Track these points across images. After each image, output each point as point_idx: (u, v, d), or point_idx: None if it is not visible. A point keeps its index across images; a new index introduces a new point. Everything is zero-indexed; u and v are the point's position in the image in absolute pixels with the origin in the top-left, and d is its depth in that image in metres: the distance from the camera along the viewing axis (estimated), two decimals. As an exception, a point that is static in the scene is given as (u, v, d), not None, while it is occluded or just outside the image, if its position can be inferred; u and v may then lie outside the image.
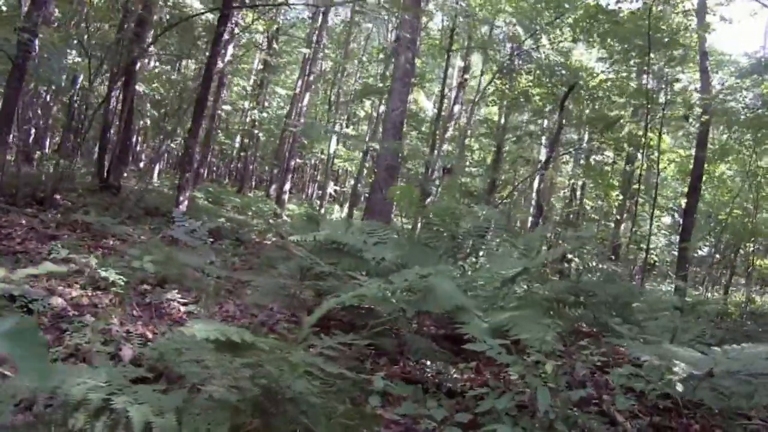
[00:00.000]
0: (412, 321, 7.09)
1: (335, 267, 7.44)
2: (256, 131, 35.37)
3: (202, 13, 18.94)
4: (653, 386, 5.15)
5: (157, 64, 29.39)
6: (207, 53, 26.99)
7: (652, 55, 17.27)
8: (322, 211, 31.95)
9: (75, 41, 16.37)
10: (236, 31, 27.01)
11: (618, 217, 25.98)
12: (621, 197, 25.38)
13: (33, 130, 25.18)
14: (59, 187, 14.82)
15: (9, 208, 12.04)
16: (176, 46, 25.16)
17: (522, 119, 26.01)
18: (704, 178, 19.30)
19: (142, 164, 33.86)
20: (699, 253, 25.49)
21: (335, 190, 41.14)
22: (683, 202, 25.43)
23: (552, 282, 8.36)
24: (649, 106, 18.03)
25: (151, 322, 7.30)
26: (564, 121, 18.98)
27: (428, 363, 6.45)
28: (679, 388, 5.05)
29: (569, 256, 19.82)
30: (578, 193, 31.75)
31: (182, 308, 8.02)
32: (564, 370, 5.45)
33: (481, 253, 8.46)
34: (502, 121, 27.42)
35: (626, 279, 15.95)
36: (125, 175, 24.57)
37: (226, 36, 26.64)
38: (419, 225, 13.91)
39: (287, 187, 30.62)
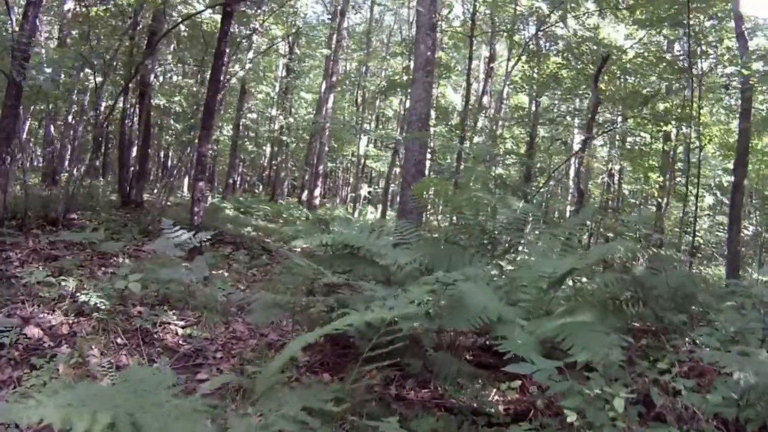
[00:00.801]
0: (441, 334, 5.84)
1: (348, 276, 6.30)
2: (284, 138, 34.50)
3: (203, 11, 17.84)
4: (752, 413, 3.86)
5: (180, 77, 28.61)
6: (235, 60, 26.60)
7: (690, 16, 15.87)
8: (356, 213, 31.00)
9: (80, 56, 15.32)
10: (255, 37, 26.27)
11: (660, 200, 24.50)
12: (661, 179, 23.92)
13: (57, 152, 24.26)
14: (72, 206, 13.96)
15: (11, 232, 11.06)
16: (192, 56, 24.13)
17: (554, 102, 24.49)
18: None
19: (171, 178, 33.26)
20: (745, 232, 24.00)
21: (369, 192, 40.04)
22: (725, 180, 24.12)
23: (602, 275, 7.01)
24: (694, 68, 16.64)
25: (138, 350, 6.22)
26: (599, 99, 17.57)
27: (462, 386, 5.23)
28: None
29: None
30: (616, 177, 30.39)
31: (180, 331, 6.92)
32: (634, 397, 4.18)
33: (520, 249, 7.19)
34: (533, 108, 26.17)
35: (681, 265, 14.59)
36: (154, 191, 23.90)
37: (244, 42, 26.09)
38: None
39: (318, 192, 29.67)
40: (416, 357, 5.36)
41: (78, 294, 6.99)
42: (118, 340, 6.36)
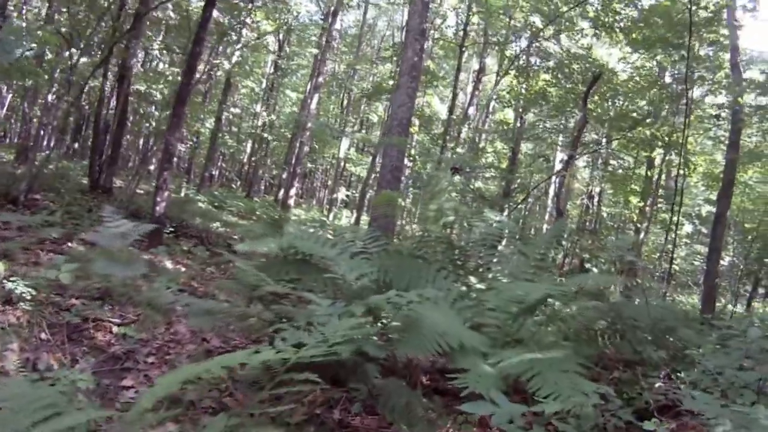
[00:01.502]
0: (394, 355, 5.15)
1: (296, 285, 5.63)
2: (266, 135, 33.82)
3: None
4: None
5: (166, 65, 27.90)
6: (212, 52, 25.95)
7: (685, 42, 15.40)
8: (331, 216, 30.31)
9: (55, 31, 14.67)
10: (244, 31, 25.66)
11: (639, 225, 24.02)
12: (641, 204, 23.46)
13: (35, 130, 23.57)
14: (36, 187, 13.45)
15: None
16: (179, 45, 23.41)
17: (540, 118, 23.85)
18: (731, 184, 17.50)
19: (152, 167, 32.69)
20: (721, 263, 23.56)
21: (347, 196, 39.38)
22: (704, 210, 23.72)
23: (578, 302, 6.29)
24: (689, 91, 16.16)
25: (62, 348, 5.53)
26: (587, 118, 16.94)
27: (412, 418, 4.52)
28: None
29: (587, 265, 18.04)
30: (595, 200, 29.94)
31: (115, 329, 6.23)
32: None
33: (492, 267, 6.50)
34: (518, 123, 25.63)
35: (657, 293, 14.00)
36: (136, 179, 23.19)
37: (233, 35, 25.42)
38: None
39: (294, 192, 28.92)
40: (362, 381, 4.68)
41: (4, 281, 6.27)
42: (42, 335, 5.68)
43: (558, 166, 28.32)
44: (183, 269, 10.61)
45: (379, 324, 4.56)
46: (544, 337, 5.06)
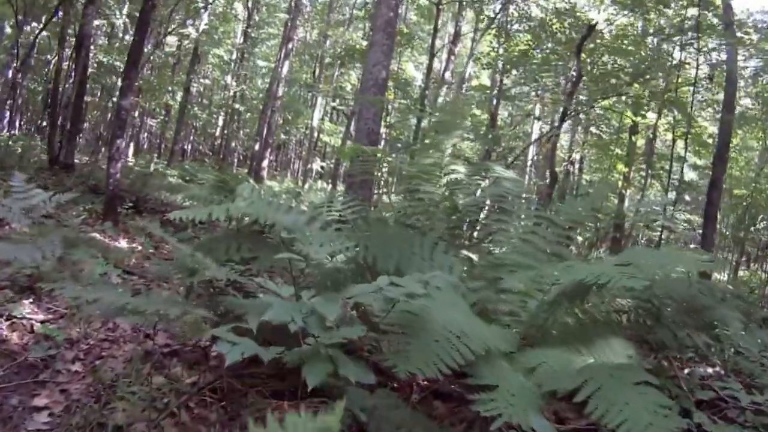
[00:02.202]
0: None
1: (250, 267, 4.35)
2: (237, 106, 32.55)
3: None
4: None
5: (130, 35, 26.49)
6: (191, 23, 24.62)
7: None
8: (305, 187, 29.03)
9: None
10: None
11: (623, 192, 22.92)
12: (626, 170, 22.37)
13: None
14: None
15: None
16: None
17: (521, 80, 22.43)
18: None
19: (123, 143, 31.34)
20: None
21: (322, 167, 38.09)
22: (689, 176, 22.70)
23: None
24: (682, 51, 14.99)
25: (-39, 354, 4.29)
26: (581, 72, 15.53)
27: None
28: None
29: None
30: (576, 166, 28.98)
31: (37, 327, 4.93)
32: None
33: (500, 237, 5.06)
34: (495, 87, 24.40)
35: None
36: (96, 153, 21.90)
37: (200, 3, 24.05)
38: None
39: (266, 163, 27.66)
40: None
41: None
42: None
43: (536, 133, 27.23)
44: (139, 248, 9.31)
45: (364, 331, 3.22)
46: (582, 332, 3.81)
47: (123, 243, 9.42)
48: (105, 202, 10.77)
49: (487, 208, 5.29)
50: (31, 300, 5.45)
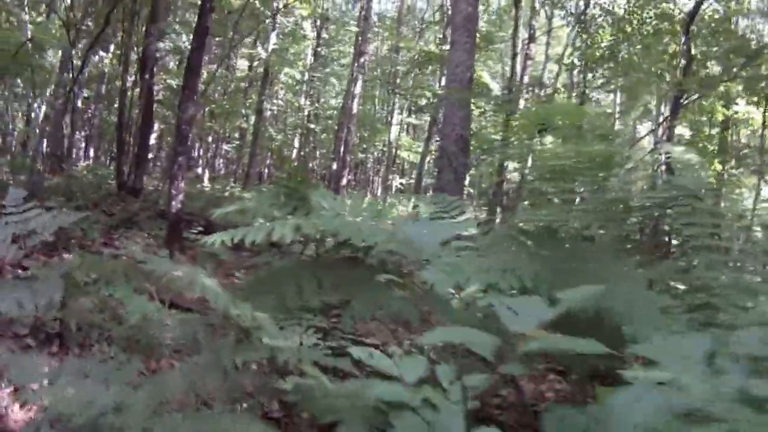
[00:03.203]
0: None
1: (337, 321, 2.75)
2: (312, 126, 31.56)
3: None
4: None
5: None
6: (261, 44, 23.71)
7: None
8: (386, 204, 27.68)
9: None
10: (279, 17, 23.46)
11: (717, 192, 20.79)
12: (720, 167, 20.31)
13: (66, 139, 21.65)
14: (37, 193, 11.14)
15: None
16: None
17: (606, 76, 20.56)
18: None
19: (199, 170, 30.82)
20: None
21: (401, 184, 36.67)
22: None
23: None
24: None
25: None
26: (691, 50, 13.55)
27: None
28: None
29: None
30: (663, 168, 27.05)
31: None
32: None
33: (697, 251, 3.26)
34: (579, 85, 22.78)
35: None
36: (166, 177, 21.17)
37: (267, 22, 23.04)
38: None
39: (344, 182, 26.37)
40: None
41: None
42: None
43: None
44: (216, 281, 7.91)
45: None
46: None
47: (180, 272, 8.02)
48: (168, 226, 9.45)
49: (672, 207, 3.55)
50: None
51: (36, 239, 3.97)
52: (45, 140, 16.62)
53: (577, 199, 4.22)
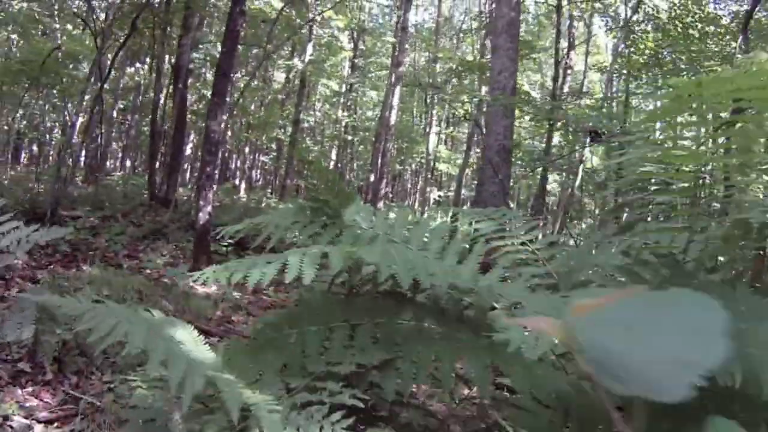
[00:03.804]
0: None
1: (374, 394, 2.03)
2: (349, 137, 31.05)
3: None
4: None
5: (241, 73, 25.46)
6: (298, 56, 23.23)
7: None
8: (424, 217, 26.97)
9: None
10: (315, 28, 23.20)
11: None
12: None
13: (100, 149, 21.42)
14: (61, 202, 11.25)
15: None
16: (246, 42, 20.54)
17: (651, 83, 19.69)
18: None
19: (237, 180, 30.50)
20: None
21: (439, 196, 35.94)
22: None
23: None
24: None
25: None
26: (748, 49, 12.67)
27: None
28: None
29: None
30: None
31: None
32: None
33: None
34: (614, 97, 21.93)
35: None
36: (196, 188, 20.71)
37: (303, 32, 22.55)
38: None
39: (382, 194, 25.74)
40: None
41: None
42: None
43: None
44: (235, 295, 7.28)
45: None
46: None
47: (213, 288, 7.36)
48: (195, 238, 8.83)
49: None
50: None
51: (7, 259, 3.30)
52: (80, 150, 16.29)
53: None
